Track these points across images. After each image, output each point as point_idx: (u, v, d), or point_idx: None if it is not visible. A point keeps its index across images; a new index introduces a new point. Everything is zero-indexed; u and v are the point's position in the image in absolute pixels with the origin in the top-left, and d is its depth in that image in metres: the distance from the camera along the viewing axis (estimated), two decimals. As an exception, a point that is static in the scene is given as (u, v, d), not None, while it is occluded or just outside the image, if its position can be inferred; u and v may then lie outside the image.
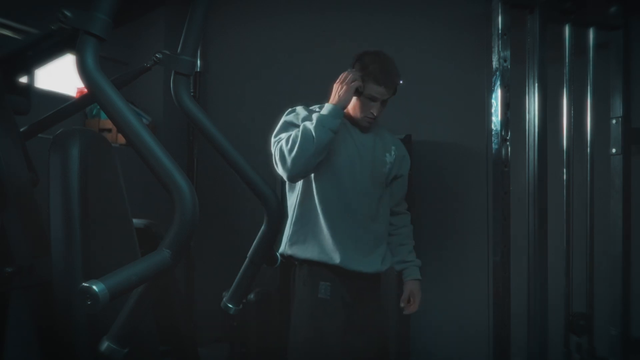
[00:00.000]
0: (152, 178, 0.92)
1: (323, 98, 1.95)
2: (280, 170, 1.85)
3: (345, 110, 1.94)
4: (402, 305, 2.03)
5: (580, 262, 2.15)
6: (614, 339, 2.14)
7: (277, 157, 1.84)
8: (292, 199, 1.98)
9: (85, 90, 1.05)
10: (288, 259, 1.96)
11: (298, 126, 1.86)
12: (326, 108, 1.86)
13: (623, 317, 2.13)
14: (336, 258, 1.88)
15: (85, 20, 0.94)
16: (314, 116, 1.83)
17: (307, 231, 1.92)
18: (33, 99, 1.39)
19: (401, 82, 1.96)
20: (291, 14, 3.11)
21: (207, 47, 3.48)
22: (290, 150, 1.79)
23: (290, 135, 1.82)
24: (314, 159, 1.80)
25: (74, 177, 1.18)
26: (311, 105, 1.98)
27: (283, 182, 2.00)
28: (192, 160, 3.43)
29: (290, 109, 1.96)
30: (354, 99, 1.94)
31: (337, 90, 1.88)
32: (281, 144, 1.83)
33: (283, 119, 1.94)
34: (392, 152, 2.04)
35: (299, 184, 1.93)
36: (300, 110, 1.95)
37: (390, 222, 2.07)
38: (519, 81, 2.08)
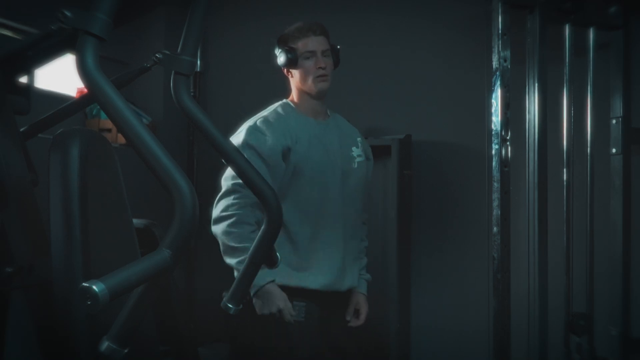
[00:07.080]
0: (152, 178, 0.92)
1: (323, 98, 1.95)
2: (216, 206, 1.78)
3: (293, 100, 1.84)
4: (347, 318, 1.94)
5: (580, 262, 2.15)
6: (614, 339, 2.14)
7: (219, 210, 1.73)
8: None
9: (85, 90, 1.05)
10: None
11: (258, 155, 1.71)
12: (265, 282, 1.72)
13: (623, 317, 2.13)
14: (314, 283, 1.79)
15: (85, 20, 0.94)
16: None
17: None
18: (33, 99, 1.38)
19: (338, 47, 1.84)
20: (291, 14, 3.10)
21: (207, 47, 3.48)
22: (229, 233, 1.74)
23: (240, 229, 1.72)
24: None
25: (74, 177, 1.18)
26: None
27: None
28: (192, 160, 3.44)
29: (250, 126, 1.79)
30: (295, 72, 1.81)
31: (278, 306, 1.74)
32: (226, 208, 1.70)
33: (244, 138, 1.75)
34: (359, 145, 1.94)
35: None
36: (263, 126, 1.77)
37: None
38: (519, 81, 2.08)
